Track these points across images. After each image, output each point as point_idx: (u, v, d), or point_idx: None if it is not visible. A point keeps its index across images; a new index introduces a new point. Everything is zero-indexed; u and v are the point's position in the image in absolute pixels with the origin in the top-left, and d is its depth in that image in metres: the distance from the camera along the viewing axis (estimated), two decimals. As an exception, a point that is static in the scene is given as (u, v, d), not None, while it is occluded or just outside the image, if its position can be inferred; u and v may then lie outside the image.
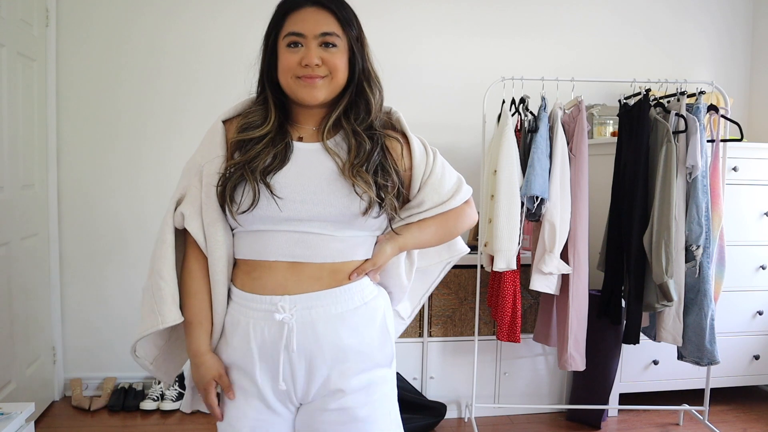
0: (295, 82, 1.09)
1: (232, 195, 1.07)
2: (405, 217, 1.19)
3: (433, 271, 1.39)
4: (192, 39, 2.78)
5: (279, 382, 1.09)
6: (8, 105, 2.28)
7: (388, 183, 1.10)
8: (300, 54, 1.08)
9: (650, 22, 3.13)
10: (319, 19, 1.08)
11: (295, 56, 1.08)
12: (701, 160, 2.14)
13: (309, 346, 1.09)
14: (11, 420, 1.72)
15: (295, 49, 1.08)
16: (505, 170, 2.14)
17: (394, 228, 1.16)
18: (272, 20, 1.14)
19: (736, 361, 2.73)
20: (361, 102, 1.15)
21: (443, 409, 2.52)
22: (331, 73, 1.10)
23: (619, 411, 2.71)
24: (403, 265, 1.25)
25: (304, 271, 1.09)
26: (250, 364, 1.11)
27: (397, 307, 1.29)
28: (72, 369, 2.84)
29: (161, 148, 2.81)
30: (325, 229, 1.08)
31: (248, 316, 1.11)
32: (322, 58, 1.08)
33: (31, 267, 2.51)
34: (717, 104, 2.35)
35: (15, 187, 2.35)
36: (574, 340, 2.23)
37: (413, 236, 1.19)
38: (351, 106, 1.15)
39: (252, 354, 1.10)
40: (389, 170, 1.12)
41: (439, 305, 2.56)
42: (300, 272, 1.09)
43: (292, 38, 1.08)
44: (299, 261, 1.08)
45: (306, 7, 1.09)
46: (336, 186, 1.08)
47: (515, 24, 3.01)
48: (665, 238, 2.10)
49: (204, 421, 2.58)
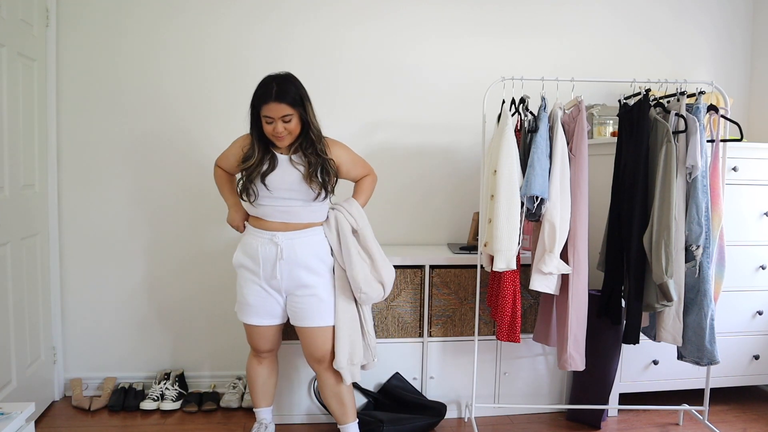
0: (272, 138, 2.01)
1: (248, 191, 2.05)
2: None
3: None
4: (192, 38, 2.79)
5: (276, 276, 2.06)
6: (8, 105, 2.28)
7: (328, 177, 2.05)
8: (272, 126, 1.97)
9: (650, 22, 3.13)
10: (279, 108, 1.94)
11: (270, 127, 1.98)
12: (701, 160, 2.14)
13: (291, 258, 2.06)
14: (11, 420, 1.72)
15: (269, 124, 1.97)
16: (505, 170, 2.14)
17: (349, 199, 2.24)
18: (252, 103, 2.00)
19: (736, 361, 2.73)
20: (308, 138, 2.04)
21: (443, 409, 2.52)
22: (290, 132, 2.00)
23: (619, 411, 2.71)
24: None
25: (288, 224, 2.07)
26: (257, 266, 2.08)
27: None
28: (72, 369, 2.84)
29: (161, 147, 2.81)
30: (299, 204, 2.06)
31: (257, 241, 2.08)
32: (285, 127, 1.97)
33: (31, 267, 2.51)
34: (717, 104, 2.35)
35: (15, 187, 2.36)
36: (574, 340, 2.23)
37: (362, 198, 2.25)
38: (303, 141, 2.04)
39: (259, 260, 2.07)
40: (329, 171, 2.06)
41: (439, 305, 2.56)
42: (287, 225, 2.07)
43: (266, 119, 1.97)
44: (285, 221, 2.06)
45: (270, 103, 1.94)
46: (303, 185, 2.03)
47: (515, 24, 3.01)
48: (665, 237, 2.10)
49: (204, 421, 2.58)
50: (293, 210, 2.05)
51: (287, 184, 2.02)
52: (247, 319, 2.16)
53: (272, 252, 2.05)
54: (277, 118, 1.93)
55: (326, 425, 2.50)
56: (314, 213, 2.09)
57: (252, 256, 2.08)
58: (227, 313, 2.90)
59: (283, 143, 2.00)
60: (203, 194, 2.84)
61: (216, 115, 2.82)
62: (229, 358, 2.93)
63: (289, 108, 1.93)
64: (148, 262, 2.86)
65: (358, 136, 2.92)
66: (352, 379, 2.14)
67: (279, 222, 2.05)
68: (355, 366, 2.14)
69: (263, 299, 2.12)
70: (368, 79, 2.92)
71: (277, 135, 1.97)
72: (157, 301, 2.88)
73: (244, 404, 2.69)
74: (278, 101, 1.92)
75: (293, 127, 1.97)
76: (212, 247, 2.88)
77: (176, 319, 2.90)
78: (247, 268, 2.11)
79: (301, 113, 1.97)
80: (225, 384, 2.87)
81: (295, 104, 1.95)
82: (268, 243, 2.05)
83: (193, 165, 2.83)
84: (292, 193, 2.03)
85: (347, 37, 2.89)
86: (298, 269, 2.07)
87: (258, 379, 2.28)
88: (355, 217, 2.15)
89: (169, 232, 2.85)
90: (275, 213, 2.05)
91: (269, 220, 2.06)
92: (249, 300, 2.12)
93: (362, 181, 2.26)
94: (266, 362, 2.27)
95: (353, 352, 2.12)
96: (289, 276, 2.07)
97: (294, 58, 2.84)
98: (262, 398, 2.30)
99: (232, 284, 2.89)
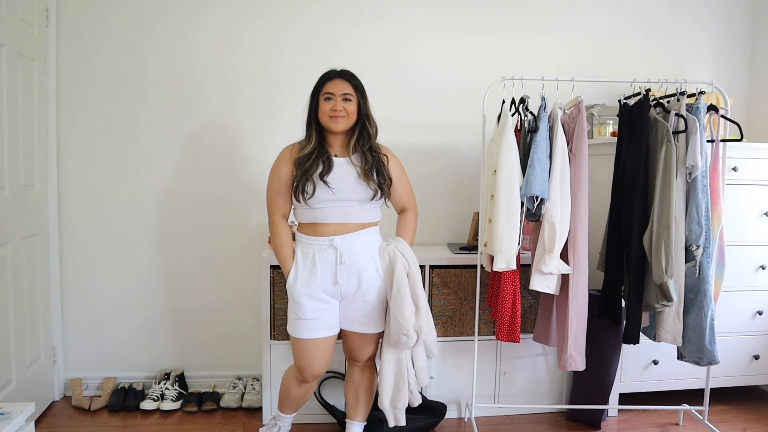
0: (329, 119, 1.98)
1: (304, 189, 1.96)
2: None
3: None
4: (182, 38, 2.78)
5: (337, 281, 1.98)
6: (8, 105, 2.28)
7: (383, 180, 2.03)
8: (332, 103, 1.98)
9: (650, 22, 3.13)
10: (342, 85, 1.99)
11: (328, 104, 1.98)
12: (701, 160, 2.14)
13: (351, 262, 1.99)
14: (11, 420, 1.72)
15: (329, 101, 1.98)
16: (505, 170, 2.14)
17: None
18: (314, 89, 2.03)
19: (736, 361, 2.73)
20: (365, 132, 2.05)
21: (443, 409, 2.52)
22: (348, 115, 1.99)
23: (619, 411, 2.71)
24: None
25: (346, 225, 2.00)
26: (315, 275, 1.99)
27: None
28: (72, 369, 2.84)
29: (161, 147, 2.81)
30: (355, 204, 2.00)
31: (313, 249, 2.00)
32: (344, 107, 1.98)
33: (31, 267, 2.51)
34: (717, 104, 2.35)
35: (15, 187, 2.36)
36: (574, 340, 2.23)
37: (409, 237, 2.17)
38: (359, 135, 2.04)
39: (317, 269, 1.99)
40: (383, 173, 2.03)
41: (439, 305, 2.56)
42: (344, 226, 2.00)
43: (327, 95, 1.98)
44: (343, 222, 2.00)
45: (335, 78, 2.00)
46: (360, 184, 2.00)
47: (515, 24, 3.01)
48: (665, 237, 2.10)
49: (204, 421, 2.58)
50: (350, 210, 1.99)
51: (347, 182, 1.97)
52: (305, 333, 2.00)
53: (332, 257, 1.98)
54: (338, 94, 1.96)
55: (326, 425, 2.50)
56: (368, 213, 2.03)
57: (309, 267, 2.00)
58: (228, 313, 2.90)
59: (338, 126, 1.97)
60: (204, 194, 2.84)
61: (214, 115, 2.82)
62: (229, 358, 2.93)
63: (350, 87, 1.98)
64: (149, 262, 2.85)
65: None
66: (395, 422, 2.10)
67: (337, 223, 1.98)
68: (399, 410, 2.09)
69: (323, 311, 2.00)
70: (368, 79, 2.91)
71: (335, 113, 1.95)
72: (157, 301, 2.88)
73: (244, 404, 2.69)
74: (342, 78, 1.99)
75: (352, 110, 1.98)
76: (213, 246, 2.88)
77: (176, 318, 2.90)
78: (306, 283, 1.99)
79: (360, 101, 2.00)
80: (225, 384, 2.87)
81: (357, 88, 2.00)
82: (326, 248, 1.98)
83: (194, 165, 2.83)
84: (350, 194, 1.98)
85: (346, 35, 2.89)
86: (357, 272, 2.00)
87: (292, 394, 2.15)
88: (409, 260, 2.04)
89: (169, 232, 2.85)
90: (334, 214, 1.98)
91: (327, 222, 1.98)
92: (307, 315, 1.99)
93: (407, 216, 2.17)
94: (305, 386, 2.13)
95: (396, 397, 2.06)
96: (347, 281, 1.99)
97: (289, 58, 2.84)
98: (289, 407, 2.21)
99: (232, 284, 2.90)
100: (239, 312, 2.90)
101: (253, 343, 2.88)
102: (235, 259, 2.88)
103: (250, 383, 2.80)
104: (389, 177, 2.05)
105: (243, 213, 2.85)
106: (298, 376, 2.09)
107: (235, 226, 2.87)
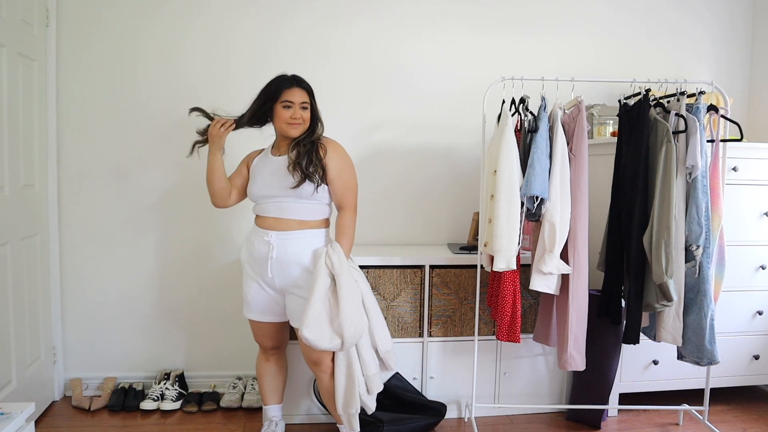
0: (287, 126, 2.07)
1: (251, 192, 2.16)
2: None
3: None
4: (176, 37, 2.78)
5: (268, 273, 2.09)
6: (8, 105, 2.28)
7: (314, 170, 2.04)
8: (291, 111, 2.07)
9: (651, 22, 3.13)
10: (301, 94, 2.08)
11: (288, 112, 2.07)
12: (701, 160, 2.14)
13: (281, 257, 2.08)
14: (11, 420, 1.72)
15: (288, 109, 2.06)
16: (505, 170, 2.14)
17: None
18: (267, 96, 2.08)
19: (736, 361, 2.73)
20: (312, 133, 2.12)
21: (443, 409, 2.52)
22: (305, 121, 2.09)
23: (619, 411, 2.71)
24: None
25: (282, 221, 2.09)
26: (254, 262, 2.14)
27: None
28: (72, 369, 2.84)
29: (161, 147, 2.81)
30: (291, 200, 2.08)
31: (256, 238, 2.13)
32: (301, 115, 2.07)
33: (31, 267, 2.51)
34: (717, 104, 2.35)
35: (15, 187, 2.36)
36: (574, 340, 2.23)
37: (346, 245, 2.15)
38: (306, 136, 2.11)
39: (255, 257, 2.13)
40: (315, 163, 2.05)
41: (439, 305, 2.56)
42: (281, 221, 2.10)
43: (286, 103, 2.06)
44: (279, 217, 2.10)
45: (294, 87, 2.08)
46: (286, 173, 2.06)
47: (515, 23, 3.01)
48: (665, 237, 2.10)
49: (204, 421, 2.58)
50: (287, 206, 2.08)
51: (270, 170, 2.09)
52: (248, 314, 2.23)
53: (264, 250, 2.09)
54: (297, 103, 2.05)
55: (326, 425, 2.50)
56: (308, 211, 2.09)
57: (251, 254, 2.15)
58: (227, 313, 2.90)
59: (296, 132, 2.07)
60: (204, 194, 2.83)
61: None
62: (229, 358, 2.93)
63: (307, 95, 2.09)
64: (149, 262, 2.85)
65: (358, 136, 2.92)
66: (350, 429, 2.14)
67: (273, 218, 2.09)
68: (352, 415, 2.10)
69: (261, 297, 2.17)
70: (368, 79, 2.92)
71: (294, 120, 2.05)
72: (157, 301, 2.88)
73: (244, 404, 2.69)
74: (300, 87, 2.08)
75: (307, 117, 2.09)
76: (213, 247, 2.88)
77: (176, 319, 2.90)
78: (249, 264, 2.17)
79: (314, 105, 2.12)
80: (225, 384, 2.87)
81: (311, 94, 2.11)
82: (262, 241, 2.10)
83: (194, 165, 2.83)
84: (279, 189, 2.06)
85: (347, 35, 2.89)
86: (290, 267, 2.09)
87: (266, 376, 2.33)
88: (335, 263, 2.01)
89: (169, 232, 2.85)
90: (271, 208, 2.10)
91: (265, 215, 2.11)
92: (248, 297, 2.19)
93: (343, 217, 2.14)
94: (273, 359, 2.32)
95: (347, 403, 2.08)
96: (280, 274, 2.09)
97: (283, 57, 2.83)
98: (270, 395, 2.34)
99: (232, 284, 2.90)
100: (239, 312, 2.90)
101: (253, 343, 2.87)
102: (235, 259, 2.89)
103: (250, 383, 2.80)
104: (322, 167, 2.06)
105: (243, 213, 2.85)
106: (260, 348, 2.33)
107: (235, 226, 2.88)
